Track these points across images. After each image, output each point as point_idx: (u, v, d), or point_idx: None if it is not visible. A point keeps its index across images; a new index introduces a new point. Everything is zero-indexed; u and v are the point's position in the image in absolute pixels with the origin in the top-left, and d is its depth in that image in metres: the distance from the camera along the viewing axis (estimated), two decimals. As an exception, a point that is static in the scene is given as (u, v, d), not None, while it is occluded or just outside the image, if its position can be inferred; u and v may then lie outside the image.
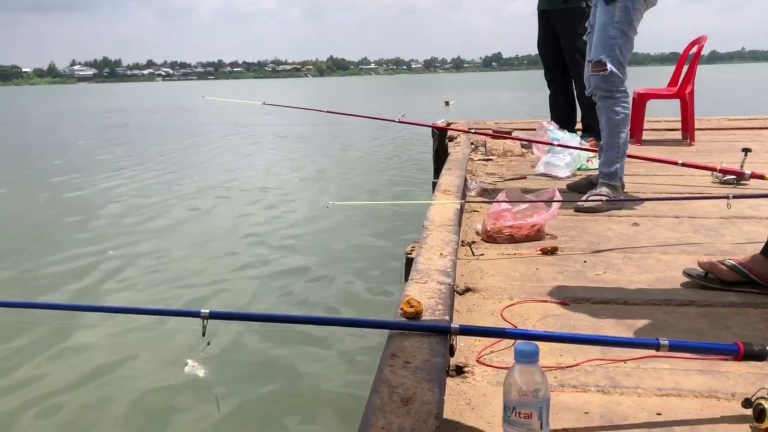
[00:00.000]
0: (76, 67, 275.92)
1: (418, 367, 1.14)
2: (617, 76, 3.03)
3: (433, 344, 1.24)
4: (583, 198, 3.06)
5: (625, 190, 3.27)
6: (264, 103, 4.81)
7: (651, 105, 5.43)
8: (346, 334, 3.70)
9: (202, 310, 1.25)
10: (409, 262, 2.34)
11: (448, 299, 1.50)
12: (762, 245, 1.90)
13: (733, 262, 1.92)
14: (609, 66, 3.00)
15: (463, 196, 3.08)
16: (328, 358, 3.60)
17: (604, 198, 3.00)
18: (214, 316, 1.26)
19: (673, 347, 1.20)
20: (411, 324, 1.32)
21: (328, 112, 4.68)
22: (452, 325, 1.27)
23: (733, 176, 3.48)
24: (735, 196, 2.60)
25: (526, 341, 1.11)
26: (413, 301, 1.36)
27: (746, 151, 3.65)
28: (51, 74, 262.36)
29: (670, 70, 5.73)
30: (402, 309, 1.36)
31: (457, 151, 4.22)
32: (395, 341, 1.25)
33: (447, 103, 27.94)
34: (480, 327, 1.47)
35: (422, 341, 1.25)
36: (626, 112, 3.12)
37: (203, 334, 1.24)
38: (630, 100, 3.17)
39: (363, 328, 2.07)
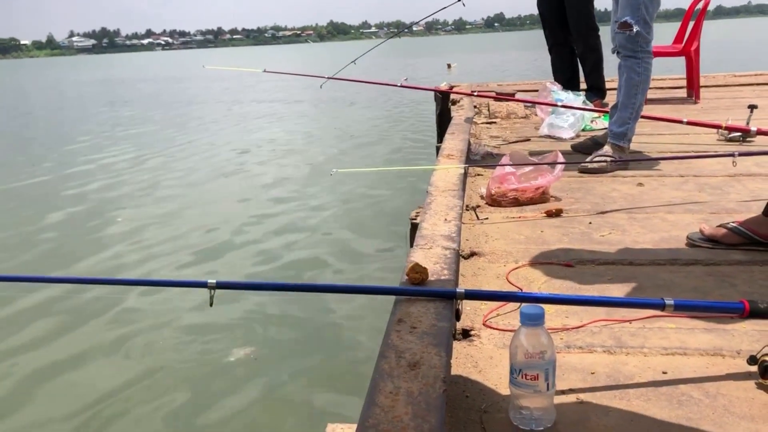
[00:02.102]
0: (74, 39, 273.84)
1: (424, 332, 1.15)
2: (643, 37, 3.00)
3: (439, 309, 1.24)
4: (588, 159, 3.04)
5: (629, 150, 3.25)
6: (265, 71, 4.75)
7: (655, 63, 5.36)
8: (353, 300, 3.73)
9: (209, 280, 1.26)
10: (414, 228, 2.34)
11: (454, 264, 1.50)
12: (766, 203, 1.89)
13: (735, 224, 1.92)
14: (635, 27, 2.97)
15: (467, 160, 3.07)
16: (334, 325, 3.64)
17: (608, 159, 2.99)
18: (221, 286, 1.27)
19: (679, 307, 1.20)
20: (417, 290, 1.33)
21: (329, 78, 4.62)
22: (458, 290, 1.28)
23: (738, 133, 3.45)
24: (741, 154, 2.58)
25: (532, 304, 1.11)
26: (418, 267, 1.36)
27: (752, 107, 3.61)
28: (50, 46, 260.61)
29: (675, 26, 5.64)
30: (407, 275, 1.37)
31: (460, 114, 4.19)
32: (401, 307, 1.26)
33: (449, 67, 27.68)
34: (485, 291, 1.48)
35: (428, 306, 1.26)
36: (647, 74, 3.08)
37: (210, 304, 1.25)
38: (651, 60, 3.12)
39: (369, 295, 2.09)
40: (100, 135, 11.95)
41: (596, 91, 4.82)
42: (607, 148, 3.10)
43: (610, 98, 4.51)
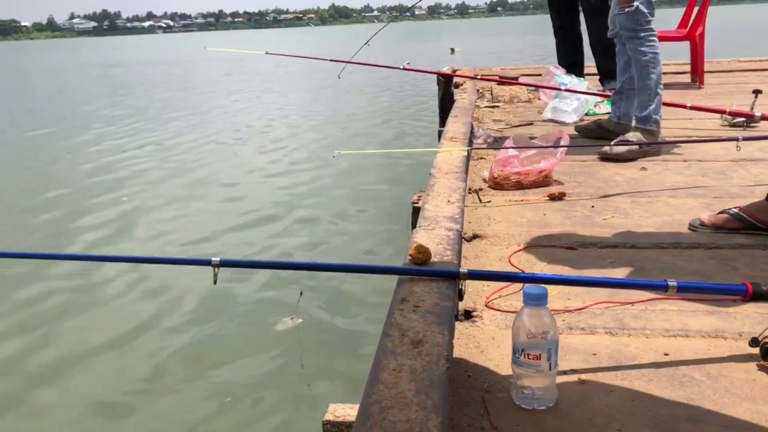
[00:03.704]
0: (75, 21, 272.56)
1: (427, 311, 1.15)
2: (642, 14, 2.92)
3: (442, 289, 1.25)
4: (612, 143, 2.94)
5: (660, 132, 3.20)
6: (267, 53, 4.75)
7: (660, 47, 5.33)
8: (356, 279, 3.74)
9: (213, 258, 1.26)
10: (416, 211, 2.34)
11: (456, 245, 1.50)
12: None
13: (736, 210, 1.93)
14: (636, 2, 2.90)
15: (470, 143, 3.06)
16: (338, 303, 3.65)
17: (630, 144, 2.89)
18: (225, 264, 1.27)
19: (681, 289, 1.20)
20: (420, 269, 1.33)
21: (331, 60, 4.61)
22: (460, 270, 1.28)
23: (742, 118, 3.44)
24: (745, 138, 2.57)
25: (535, 285, 1.11)
26: (421, 247, 1.36)
27: (757, 92, 3.59)
28: (50, 28, 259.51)
29: (680, 12, 5.60)
30: (411, 255, 1.37)
31: (463, 98, 4.17)
32: (404, 286, 1.26)
33: (452, 51, 27.51)
34: (488, 271, 1.48)
35: (431, 286, 1.26)
36: (654, 51, 2.99)
37: (215, 282, 1.25)
38: (656, 38, 3.02)
39: (372, 274, 2.07)
40: (107, 120, 11.93)
41: (613, 77, 4.74)
42: (635, 134, 2.99)
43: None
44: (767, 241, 1.86)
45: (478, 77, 4.39)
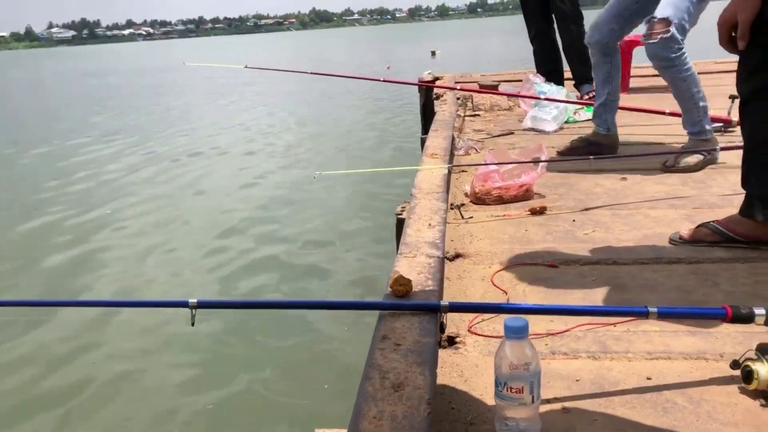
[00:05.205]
0: (54, 30, 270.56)
1: (409, 349, 1.14)
2: (676, 40, 2.72)
3: (423, 323, 1.24)
4: (675, 157, 2.85)
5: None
6: (246, 67, 4.72)
7: (638, 49, 5.37)
8: (338, 313, 3.65)
9: (190, 300, 1.24)
10: (400, 223, 2.33)
11: (438, 273, 1.50)
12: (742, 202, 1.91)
13: (714, 224, 1.94)
14: (672, 29, 2.68)
15: (451, 156, 3.06)
16: (319, 340, 3.55)
17: (697, 156, 2.82)
18: (202, 305, 1.25)
19: (662, 314, 1.21)
20: (401, 304, 1.32)
21: (312, 73, 4.61)
22: (442, 303, 1.27)
23: (720, 124, 3.47)
24: (723, 148, 2.58)
25: (516, 316, 1.11)
26: (402, 279, 1.36)
27: (733, 97, 3.61)
28: (29, 38, 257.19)
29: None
30: (391, 287, 1.36)
31: (443, 110, 4.17)
32: (386, 322, 1.25)
33: (433, 54, 27.60)
34: (469, 303, 1.48)
35: (413, 321, 1.25)
36: (691, 71, 2.82)
37: (192, 324, 1.24)
38: (688, 55, 2.82)
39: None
40: (75, 138, 11.62)
41: (588, 80, 4.77)
42: (693, 144, 2.90)
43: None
44: (746, 254, 1.87)
45: (458, 88, 4.40)
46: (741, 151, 2.90)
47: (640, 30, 3.38)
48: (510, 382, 1.11)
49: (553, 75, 4.72)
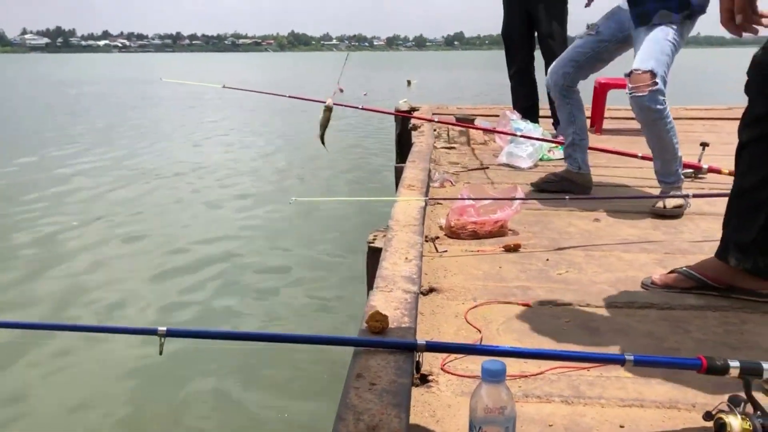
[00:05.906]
0: (27, 36, 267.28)
1: (384, 389, 1.12)
2: (662, 92, 2.70)
3: (399, 362, 1.22)
4: (661, 200, 2.85)
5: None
6: (224, 86, 4.67)
7: (612, 93, 5.48)
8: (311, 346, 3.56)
9: (159, 328, 1.20)
10: (372, 252, 2.31)
11: (414, 309, 1.48)
12: (718, 245, 1.93)
13: (687, 269, 1.96)
14: (659, 81, 2.67)
15: (428, 189, 3.06)
16: (291, 376, 3.47)
17: (685, 198, 2.84)
18: (171, 333, 1.21)
19: (638, 362, 1.20)
20: (377, 341, 1.29)
21: (290, 97, 4.59)
22: (419, 342, 1.25)
23: (690, 170, 3.53)
24: (695, 195, 2.63)
25: (493, 359, 1.10)
26: (378, 315, 1.33)
27: (704, 145, 3.70)
28: (1, 42, 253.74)
29: (631, 58, 5.77)
30: (367, 323, 1.34)
31: (420, 141, 4.19)
32: (360, 359, 1.22)
33: (409, 83, 27.88)
34: (446, 343, 1.46)
35: (388, 359, 1.23)
36: (673, 123, 2.80)
37: (160, 352, 1.20)
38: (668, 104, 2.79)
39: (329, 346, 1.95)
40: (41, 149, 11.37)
41: None
42: (668, 190, 2.91)
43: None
44: (717, 302, 1.89)
45: (435, 120, 4.42)
46: (711, 198, 2.99)
47: (617, 73, 3.45)
48: (484, 426, 1.09)
49: (530, 112, 4.78)
